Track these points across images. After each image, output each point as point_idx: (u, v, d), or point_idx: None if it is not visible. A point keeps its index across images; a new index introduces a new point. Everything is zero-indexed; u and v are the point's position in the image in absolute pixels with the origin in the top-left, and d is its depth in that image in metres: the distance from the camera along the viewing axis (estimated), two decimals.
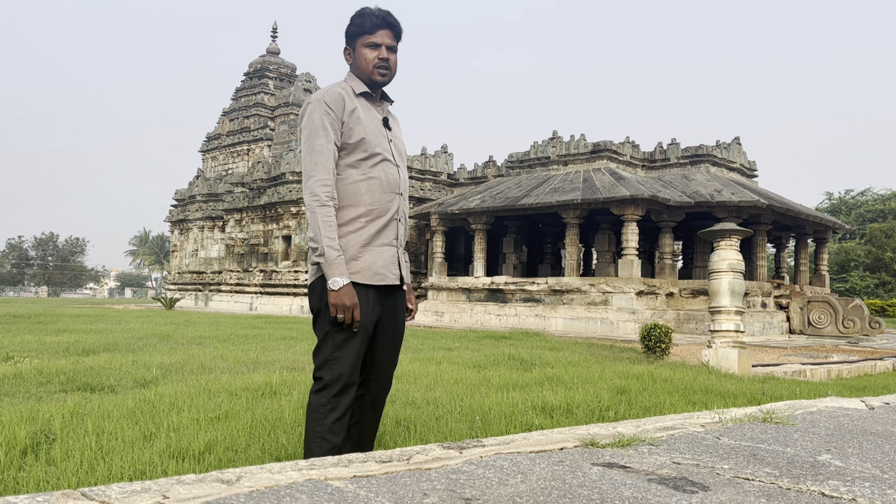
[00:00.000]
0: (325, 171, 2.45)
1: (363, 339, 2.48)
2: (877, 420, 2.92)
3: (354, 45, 2.61)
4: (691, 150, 18.35)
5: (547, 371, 6.45)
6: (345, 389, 2.44)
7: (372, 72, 2.57)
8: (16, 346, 8.40)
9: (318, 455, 2.32)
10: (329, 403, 2.41)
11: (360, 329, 2.45)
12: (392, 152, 2.61)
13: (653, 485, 1.71)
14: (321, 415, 2.41)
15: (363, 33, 2.58)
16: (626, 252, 16.24)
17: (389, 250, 2.55)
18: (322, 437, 2.39)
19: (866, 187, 48.39)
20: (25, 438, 3.13)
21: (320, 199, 2.41)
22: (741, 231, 7.89)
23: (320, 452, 2.35)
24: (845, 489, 1.75)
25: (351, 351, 2.44)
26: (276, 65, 31.97)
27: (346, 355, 2.44)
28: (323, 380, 2.43)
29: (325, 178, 2.44)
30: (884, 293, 37.10)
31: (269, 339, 10.06)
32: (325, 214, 2.40)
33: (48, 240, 71.20)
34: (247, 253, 26.92)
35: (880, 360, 10.09)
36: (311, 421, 2.43)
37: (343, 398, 2.44)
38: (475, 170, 22.98)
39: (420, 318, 19.50)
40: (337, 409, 2.42)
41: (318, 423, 2.41)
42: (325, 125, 2.46)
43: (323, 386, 2.43)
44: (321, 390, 2.43)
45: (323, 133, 2.46)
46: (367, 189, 2.51)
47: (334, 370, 2.42)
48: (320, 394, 2.43)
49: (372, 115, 2.58)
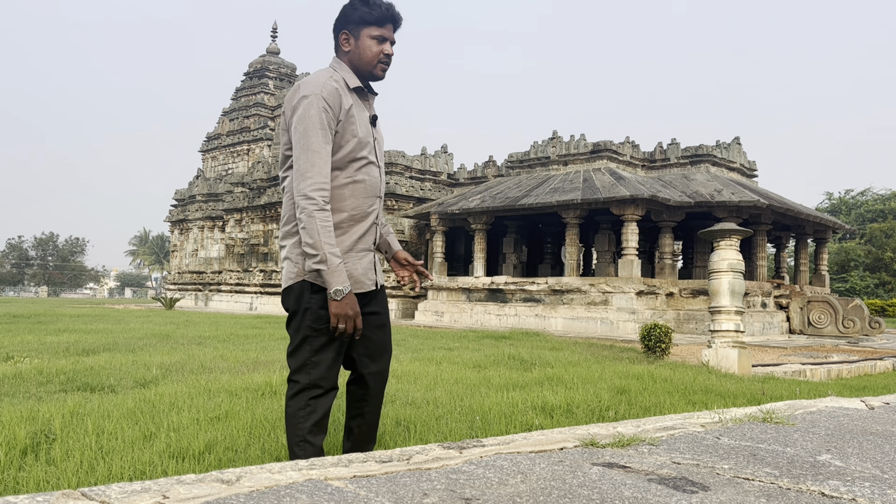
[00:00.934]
0: (321, 174, 2.33)
1: (342, 343, 2.44)
2: (877, 420, 2.93)
3: (358, 34, 2.46)
4: (691, 150, 18.35)
5: (547, 371, 6.45)
6: (325, 393, 2.39)
7: (375, 66, 2.47)
8: (16, 345, 8.40)
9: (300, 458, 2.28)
10: (308, 406, 2.37)
11: (341, 336, 2.39)
12: (376, 153, 2.53)
13: (653, 485, 1.71)
14: (300, 419, 2.36)
15: (370, 23, 2.45)
16: (626, 252, 16.24)
17: (368, 255, 2.50)
18: (304, 440, 2.35)
19: (866, 187, 48.43)
20: (25, 438, 3.13)
21: (318, 203, 2.30)
22: (741, 231, 7.89)
23: (304, 456, 2.30)
24: (845, 489, 1.75)
25: (329, 355, 2.39)
26: (276, 65, 31.98)
27: (324, 359, 2.39)
28: (299, 383, 2.38)
29: (322, 181, 2.33)
30: (884, 293, 37.10)
31: (269, 339, 10.06)
32: (323, 219, 2.30)
33: (48, 240, 71.21)
34: (247, 253, 26.92)
35: (880, 360, 10.09)
36: (291, 426, 2.37)
37: (321, 401, 2.39)
38: (475, 170, 22.98)
39: (420, 318, 19.50)
40: (316, 412, 2.37)
41: (298, 427, 2.36)
42: (322, 123, 2.33)
43: (299, 389, 2.37)
44: (298, 394, 2.37)
45: (321, 132, 2.33)
46: (351, 193, 2.43)
47: (312, 374, 2.37)
48: (297, 397, 2.37)
49: (362, 113, 2.47)
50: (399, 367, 6.48)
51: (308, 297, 2.38)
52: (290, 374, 2.42)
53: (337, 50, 2.52)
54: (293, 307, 2.42)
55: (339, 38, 2.50)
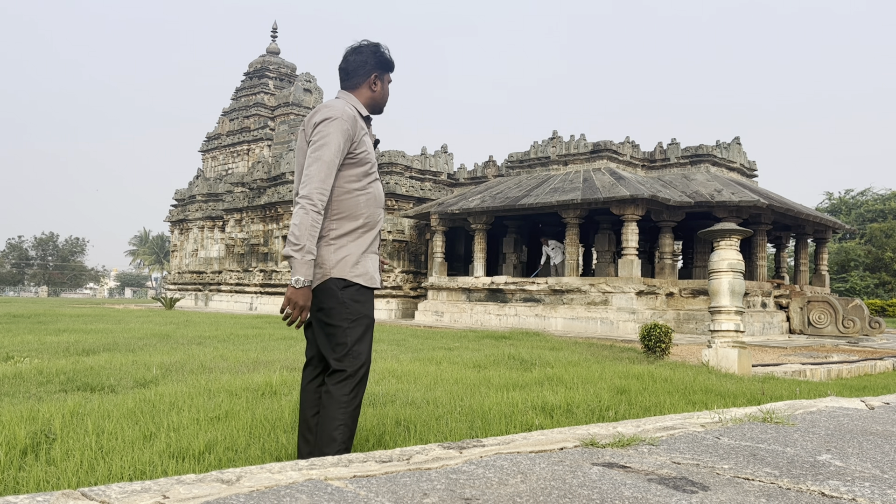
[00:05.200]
0: (326, 183, 2.61)
1: (372, 333, 2.76)
2: (877, 420, 2.93)
3: (383, 78, 2.87)
4: (691, 150, 18.35)
5: (547, 371, 6.45)
6: (363, 379, 2.68)
7: (384, 104, 2.91)
8: (16, 345, 8.39)
9: (340, 441, 2.57)
10: (353, 392, 2.63)
11: (370, 324, 2.72)
12: (377, 170, 2.88)
13: (653, 485, 1.71)
14: (344, 403, 2.60)
15: (390, 71, 2.90)
16: (626, 252, 16.24)
17: (375, 258, 2.81)
18: (345, 423, 2.60)
19: (866, 187, 48.41)
20: (25, 438, 3.13)
21: (316, 206, 2.58)
22: (741, 231, 7.89)
23: (342, 439, 2.58)
24: (845, 489, 1.75)
25: (367, 344, 2.70)
26: (276, 65, 31.98)
27: (364, 348, 2.68)
28: (346, 371, 2.63)
29: (325, 189, 2.60)
30: (884, 293, 37.09)
31: (269, 339, 10.06)
32: (315, 220, 2.57)
33: (48, 240, 71.20)
34: (247, 253, 26.92)
35: (880, 360, 10.08)
36: (334, 410, 2.60)
37: (362, 387, 2.68)
38: (475, 170, 22.97)
39: (420, 317, 19.50)
40: (358, 397, 2.65)
41: (341, 411, 2.60)
42: (339, 145, 2.63)
43: (346, 377, 2.62)
44: (344, 380, 2.62)
45: (336, 150, 2.62)
46: (366, 203, 2.74)
47: (356, 362, 2.64)
48: (343, 384, 2.62)
49: (369, 137, 2.84)
50: (399, 366, 6.48)
51: (340, 292, 2.65)
52: (334, 362, 2.65)
53: (356, 86, 2.85)
54: (326, 304, 2.66)
55: (371, 79, 2.85)
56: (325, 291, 2.66)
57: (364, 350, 2.68)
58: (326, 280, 2.65)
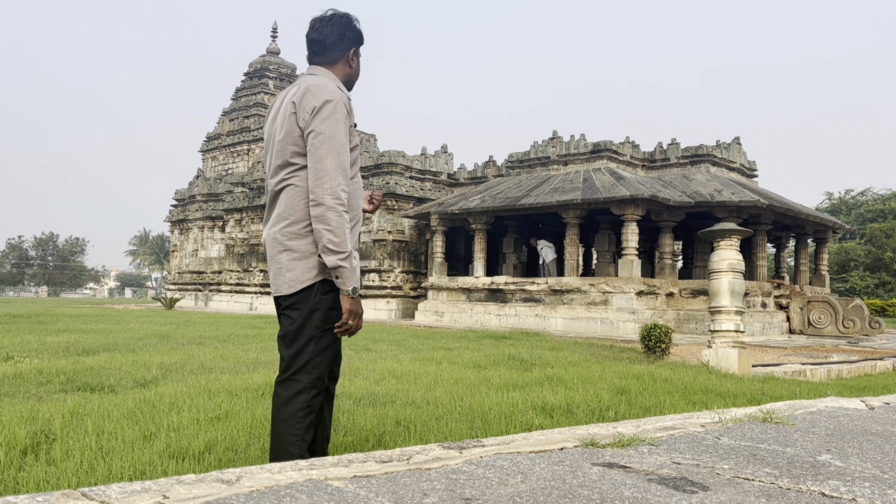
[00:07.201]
0: (345, 177, 2.36)
1: (338, 344, 2.51)
2: (877, 420, 2.93)
3: (359, 54, 2.59)
4: (691, 150, 18.35)
5: (547, 371, 6.45)
6: (320, 392, 2.43)
7: (356, 81, 2.61)
8: (16, 345, 8.39)
9: (296, 457, 2.29)
10: (308, 406, 2.38)
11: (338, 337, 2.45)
12: None
13: (653, 485, 1.71)
14: (299, 418, 2.36)
15: (361, 44, 2.59)
16: (626, 252, 16.24)
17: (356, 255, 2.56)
18: (301, 439, 2.37)
19: (866, 187, 48.41)
20: (25, 438, 3.13)
21: (343, 204, 2.33)
22: (741, 231, 7.88)
23: (299, 454, 2.33)
24: (845, 489, 1.75)
25: (329, 355, 2.44)
26: (276, 65, 31.99)
27: (325, 360, 2.43)
28: (301, 382, 2.38)
29: (345, 183, 2.36)
30: (884, 293, 37.09)
31: (269, 339, 10.06)
32: (347, 221, 2.33)
33: (48, 240, 71.21)
34: (247, 253, 26.92)
35: (880, 360, 10.08)
36: (289, 424, 2.36)
37: (318, 400, 2.42)
38: (475, 170, 22.97)
39: (420, 318, 19.50)
40: (314, 412, 2.40)
41: (296, 426, 2.36)
42: (346, 127, 2.38)
43: (301, 389, 2.38)
44: (299, 393, 2.38)
45: (345, 136, 2.36)
46: (353, 195, 2.48)
47: (314, 374, 2.39)
48: (298, 397, 2.37)
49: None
50: (399, 367, 6.48)
51: (319, 297, 2.39)
52: (290, 372, 2.41)
53: (334, 62, 2.54)
54: (299, 307, 2.41)
55: (347, 52, 2.54)
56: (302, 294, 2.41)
57: (325, 362, 2.42)
58: (321, 280, 2.41)
